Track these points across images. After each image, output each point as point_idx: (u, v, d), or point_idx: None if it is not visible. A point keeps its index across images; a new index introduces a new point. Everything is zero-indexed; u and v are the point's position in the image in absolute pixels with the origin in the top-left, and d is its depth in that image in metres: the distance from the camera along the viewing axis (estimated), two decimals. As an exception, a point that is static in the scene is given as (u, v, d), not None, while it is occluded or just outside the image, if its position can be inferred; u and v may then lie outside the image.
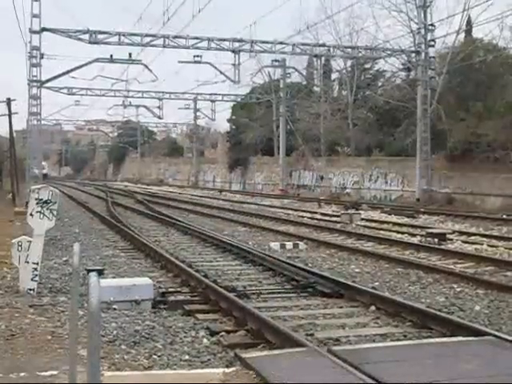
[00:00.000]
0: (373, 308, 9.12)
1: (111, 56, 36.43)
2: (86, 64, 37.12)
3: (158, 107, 58.02)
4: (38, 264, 9.78)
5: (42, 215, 9.80)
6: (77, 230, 20.73)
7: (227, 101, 58.22)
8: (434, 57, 35.98)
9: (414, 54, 36.39)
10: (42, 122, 45.58)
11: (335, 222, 23.34)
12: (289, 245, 16.42)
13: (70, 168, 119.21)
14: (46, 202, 9.80)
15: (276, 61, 46.63)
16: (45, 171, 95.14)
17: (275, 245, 16.41)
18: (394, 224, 22.49)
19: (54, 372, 5.80)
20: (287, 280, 11.41)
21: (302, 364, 5.80)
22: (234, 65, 36.09)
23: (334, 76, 54.40)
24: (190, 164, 72.02)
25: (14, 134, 41.27)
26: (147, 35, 33.94)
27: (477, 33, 45.91)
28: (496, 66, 36.72)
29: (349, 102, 46.59)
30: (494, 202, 29.77)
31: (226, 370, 5.91)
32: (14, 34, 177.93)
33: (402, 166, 37.54)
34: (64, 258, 13.76)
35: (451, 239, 17.47)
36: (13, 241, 10.04)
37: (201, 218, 25.83)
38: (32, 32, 33.67)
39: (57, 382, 5.55)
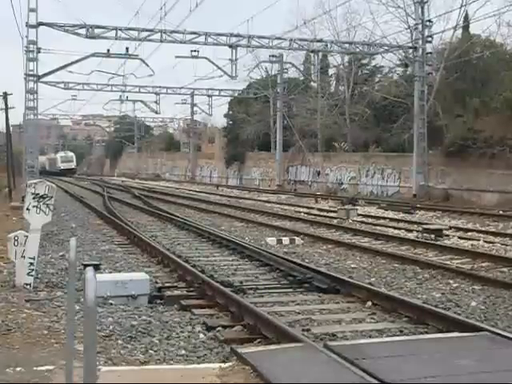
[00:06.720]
0: (369, 304, 9.13)
1: (108, 51, 36.26)
2: (82, 58, 36.99)
3: (155, 102, 57.94)
4: (34, 259, 9.77)
5: (38, 210, 9.78)
6: (73, 224, 20.74)
7: (224, 96, 58.08)
8: (431, 53, 35.97)
9: (411, 50, 36.36)
10: (39, 116, 45.43)
11: (332, 217, 23.35)
12: (285, 240, 16.42)
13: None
14: (42, 196, 9.78)
15: (273, 56, 46.58)
16: (73, 165, 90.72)
17: (272, 240, 16.42)
18: (391, 220, 22.51)
19: (51, 367, 5.80)
20: (284, 275, 11.41)
21: (299, 359, 5.80)
22: (231, 60, 36.02)
23: (331, 71, 54.47)
24: (186, 159, 71.93)
25: (11, 129, 41.20)
26: (144, 30, 33.82)
27: (474, 29, 46.03)
28: (493, 62, 36.75)
29: (346, 98, 46.54)
30: (490, 198, 29.79)
31: (223, 365, 5.91)
32: (11, 28, 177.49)
33: (398, 161, 37.53)
34: (60, 253, 13.75)
35: (448, 235, 17.50)
36: (9, 235, 10.03)
37: (198, 213, 25.81)
38: (29, 26, 33.51)
39: (53, 376, 5.55)
